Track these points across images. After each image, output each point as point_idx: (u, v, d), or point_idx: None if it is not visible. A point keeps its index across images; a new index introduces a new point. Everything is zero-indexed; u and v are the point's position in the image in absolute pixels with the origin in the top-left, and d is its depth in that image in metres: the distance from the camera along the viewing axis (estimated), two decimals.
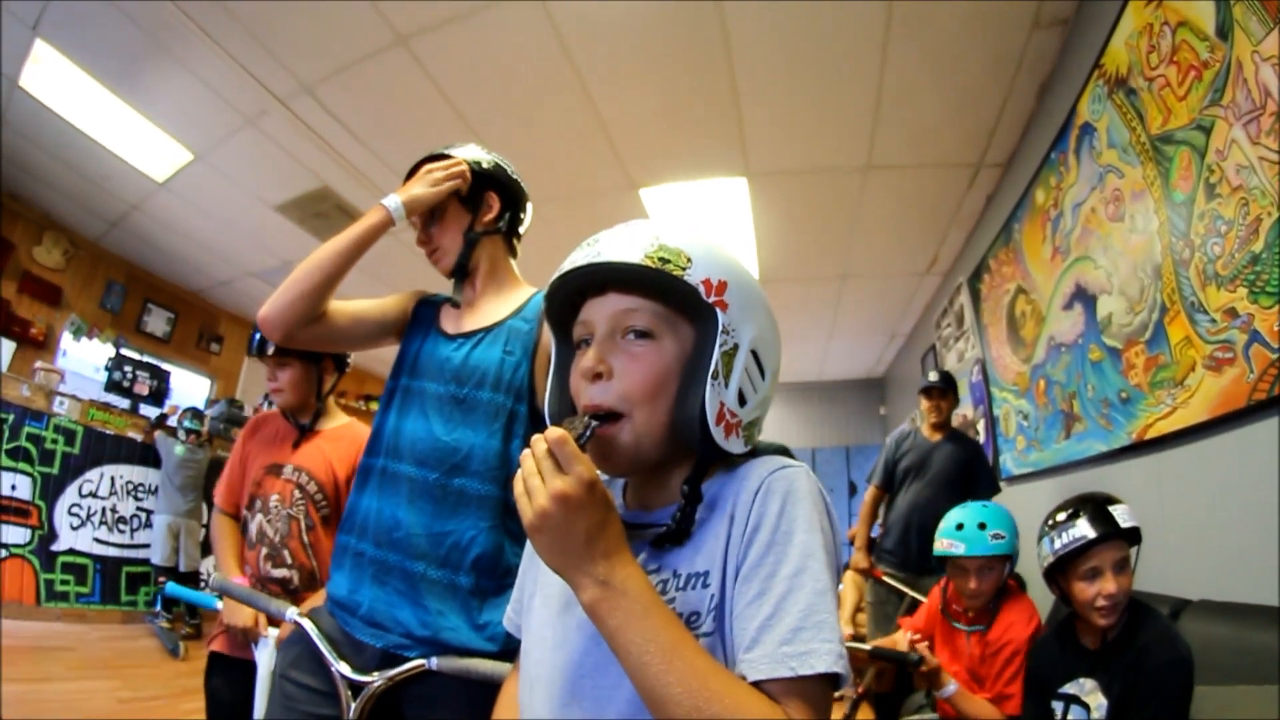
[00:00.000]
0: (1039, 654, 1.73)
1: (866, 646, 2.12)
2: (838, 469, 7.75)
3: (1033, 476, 3.36)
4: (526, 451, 0.63)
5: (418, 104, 3.58)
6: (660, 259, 0.69)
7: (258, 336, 1.96)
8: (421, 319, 1.47)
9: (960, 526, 2.11)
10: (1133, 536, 1.57)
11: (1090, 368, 2.71)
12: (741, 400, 0.71)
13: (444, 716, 1.18)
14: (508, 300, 1.42)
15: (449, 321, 1.43)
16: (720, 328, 0.69)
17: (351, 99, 3.62)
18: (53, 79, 3.75)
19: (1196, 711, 1.43)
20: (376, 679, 1.14)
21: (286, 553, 1.83)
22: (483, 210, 1.45)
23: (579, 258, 0.74)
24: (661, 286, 0.71)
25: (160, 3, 3.04)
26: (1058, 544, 1.58)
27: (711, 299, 0.69)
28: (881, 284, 5.50)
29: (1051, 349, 3.09)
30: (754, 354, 0.72)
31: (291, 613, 1.28)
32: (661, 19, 2.96)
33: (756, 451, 0.77)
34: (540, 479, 0.61)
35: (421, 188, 1.40)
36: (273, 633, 1.62)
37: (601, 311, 0.74)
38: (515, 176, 1.52)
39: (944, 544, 2.12)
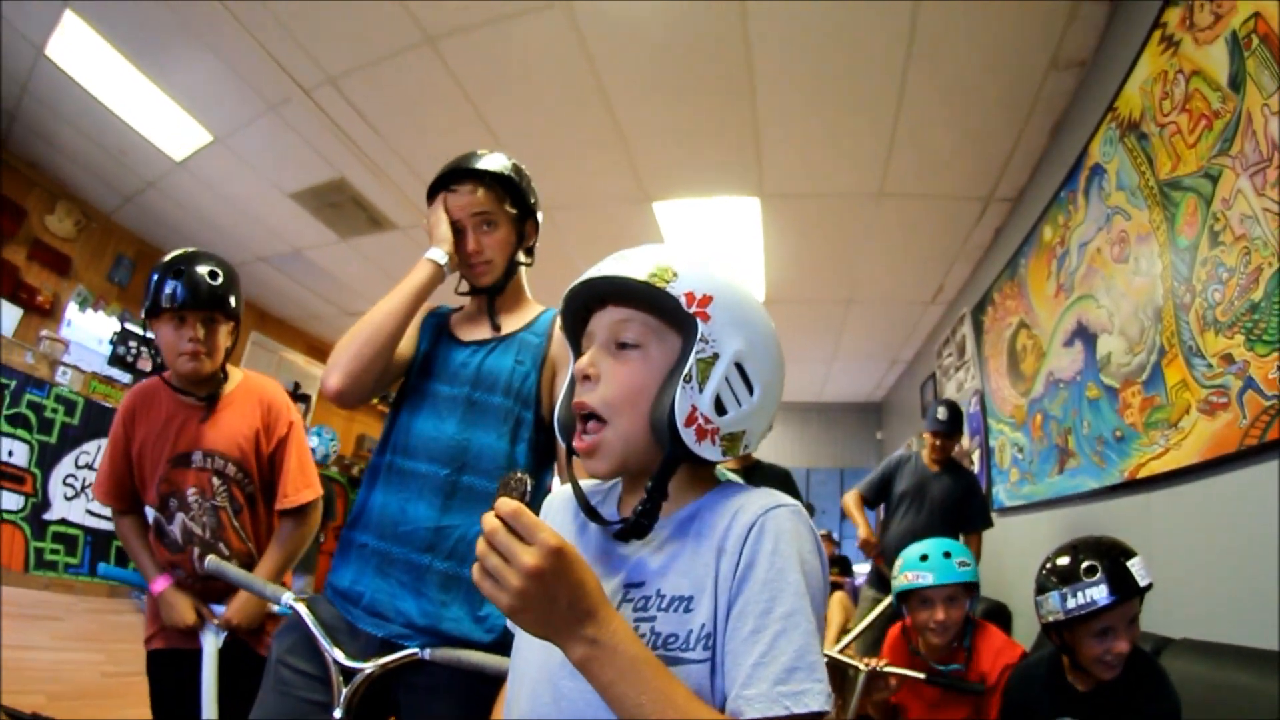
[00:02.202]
0: (1022, 688, 1.66)
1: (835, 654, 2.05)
2: (831, 491, 7.79)
3: (1025, 509, 3.39)
4: (489, 525, 0.62)
5: (440, 103, 3.62)
6: (650, 274, 0.74)
7: (169, 287, 1.66)
8: (430, 326, 1.51)
9: (925, 558, 2.04)
10: (1148, 588, 1.46)
11: (1087, 405, 2.74)
12: (721, 409, 0.74)
13: (438, 706, 1.21)
14: (520, 315, 1.48)
15: (463, 329, 1.48)
16: (699, 336, 0.73)
17: (375, 93, 3.66)
18: (79, 50, 3.77)
19: None
20: (369, 666, 1.15)
21: (222, 545, 1.74)
22: (527, 236, 1.51)
23: (586, 273, 0.79)
24: (652, 300, 0.75)
25: None
26: (1070, 604, 1.44)
27: (693, 309, 0.73)
28: (886, 310, 5.54)
29: (1050, 384, 3.13)
30: (739, 366, 0.75)
31: (287, 598, 1.28)
32: (688, 37, 3.01)
33: (759, 468, 0.79)
34: (502, 559, 0.60)
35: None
36: (215, 611, 1.66)
37: (601, 322, 0.80)
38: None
39: (909, 577, 2.03)
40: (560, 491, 0.91)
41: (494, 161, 1.44)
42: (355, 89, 3.64)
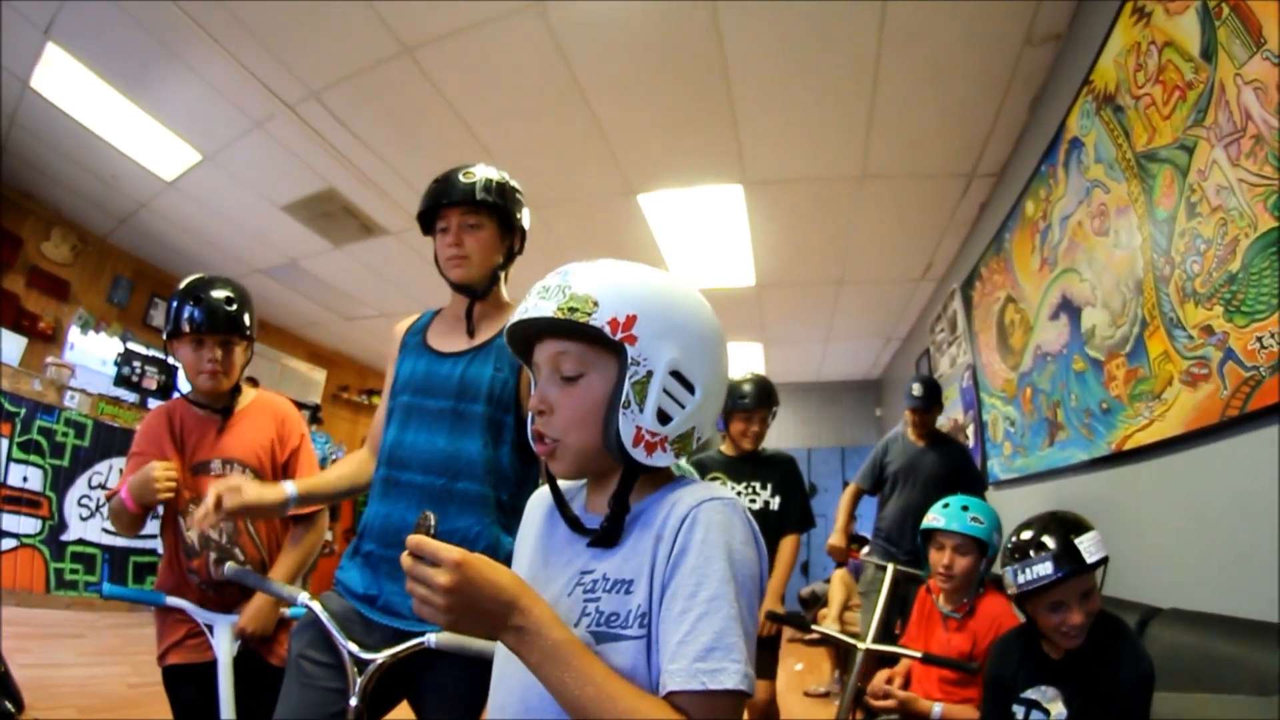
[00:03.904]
0: (1001, 656, 1.72)
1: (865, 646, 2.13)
2: (833, 469, 7.83)
3: (1018, 482, 3.43)
4: (406, 563, 0.70)
5: (423, 111, 3.65)
6: (570, 309, 0.78)
7: (188, 312, 1.79)
8: (411, 346, 1.58)
9: (946, 505, 2.24)
10: (1099, 565, 1.51)
11: (1074, 378, 2.77)
12: (664, 419, 0.79)
13: (448, 687, 1.32)
14: (498, 321, 1.53)
15: (439, 339, 1.55)
16: (630, 359, 0.78)
17: (358, 105, 3.69)
18: (64, 80, 3.81)
19: (1155, 716, 1.48)
20: (380, 656, 1.24)
21: (238, 550, 1.82)
22: (515, 247, 1.58)
23: (515, 313, 0.83)
24: (579, 332, 0.79)
25: (169, 6, 3.10)
26: (1021, 579, 1.52)
27: (619, 336, 0.77)
28: (878, 289, 5.56)
29: (1038, 358, 3.15)
30: (675, 374, 0.80)
31: (303, 598, 1.37)
32: (660, 31, 3.02)
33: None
34: (424, 584, 0.68)
35: None
36: (228, 621, 1.71)
37: (542, 355, 0.85)
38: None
39: (929, 518, 2.25)
40: (540, 491, 0.99)
41: (480, 181, 1.48)
42: (338, 102, 3.67)
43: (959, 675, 2.06)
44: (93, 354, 5.66)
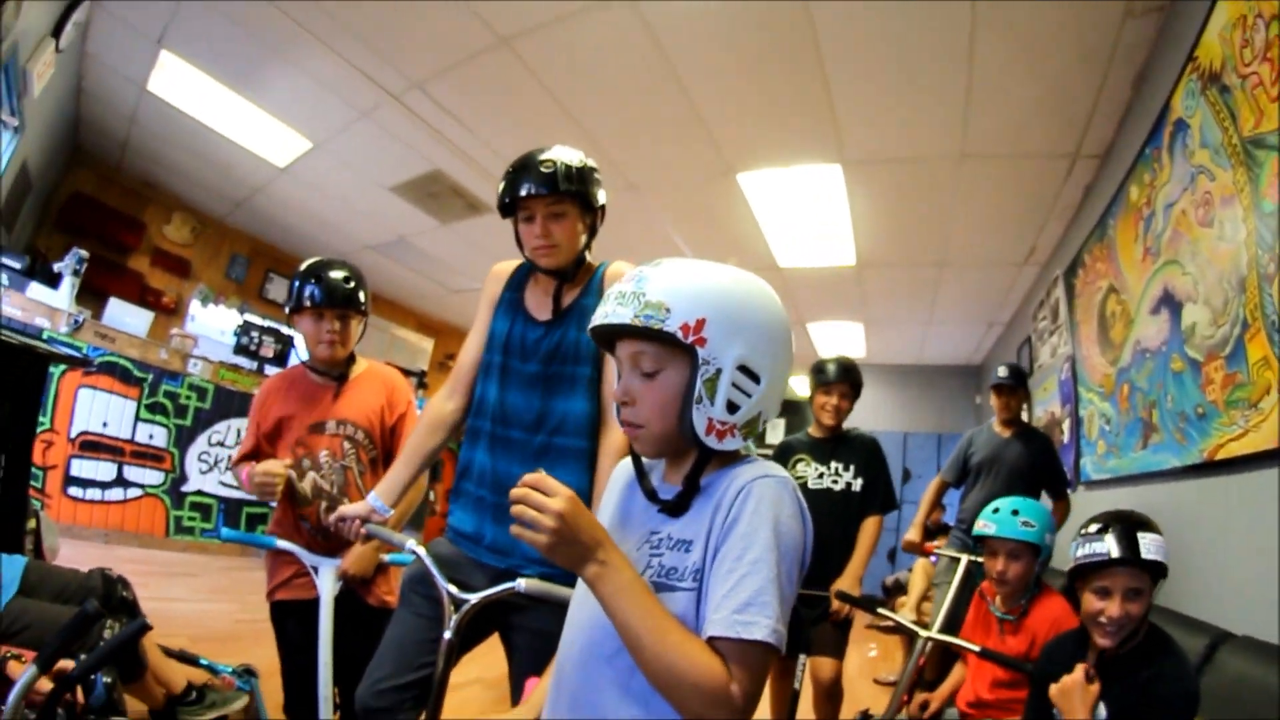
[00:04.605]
0: (1050, 655, 1.71)
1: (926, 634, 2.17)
2: (928, 455, 7.54)
3: (1109, 484, 3.22)
4: (518, 492, 0.83)
5: (523, 98, 3.75)
6: (645, 315, 0.86)
7: (309, 290, 1.96)
8: (506, 304, 1.68)
9: (996, 510, 2.19)
10: (1156, 569, 1.50)
11: (1171, 378, 2.57)
12: (733, 408, 0.88)
13: (534, 629, 1.46)
14: (580, 282, 1.63)
15: (535, 304, 1.65)
16: (701, 360, 0.86)
17: (460, 93, 3.83)
18: (178, 82, 4.15)
19: None
20: (474, 598, 1.34)
21: (346, 500, 1.93)
22: (597, 224, 1.65)
23: (598, 314, 0.92)
24: (654, 335, 0.87)
25: (271, 9, 3.32)
26: (1079, 553, 1.55)
27: (690, 339, 0.86)
28: (980, 272, 5.30)
29: (1137, 354, 2.94)
30: (743, 368, 0.88)
31: (410, 544, 1.49)
32: (750, 12, 2.98)
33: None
34: (535, 510, 0.82)
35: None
36: (332, 564, 1.88)
37: (623, 352, 0.94)
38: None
39: (980, 525, 2.20)
40: (624, 461, 1.10)
41: (561, 170, 1.52)
42: (441, 91, 3.82)
43: (1010, 677, 2.03)
44: (213, 325, 6.15)
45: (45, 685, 1.18)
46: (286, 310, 2.05)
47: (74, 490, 4.37)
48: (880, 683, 4.49)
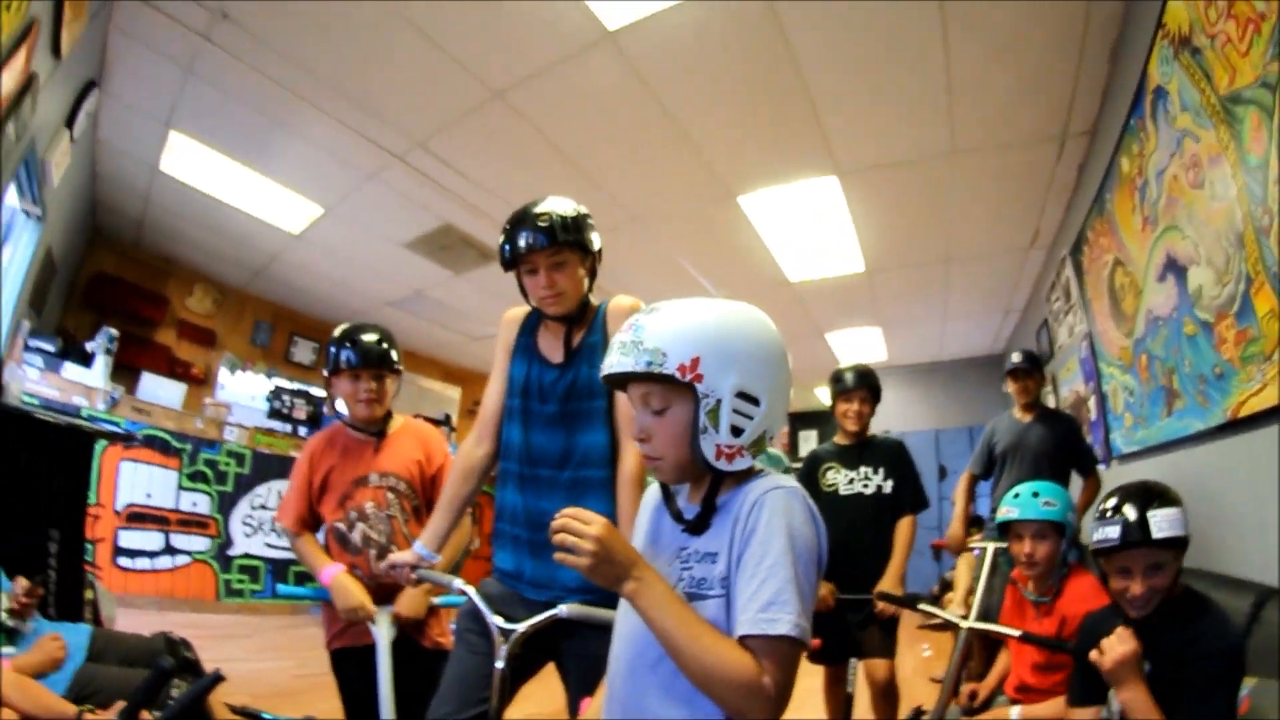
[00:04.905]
0: (1091, 629, 1.71)
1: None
2: (961, 449, 7.46)
3: (1141, 455, 3.20)
4: (558, 523, 0.94)
5: (523, 146, 3.89)
6: (645, 360, 0.97)
7: (345, 354, 2.08)
8: (521, 346, 1.78)
9: (1016, 495, 2.22)
10: (1172, 544, 1.52)
11: (1186, 342, 2.57)
12: (737, 432, 0.97)
13: (583, 653, 1.53)
14: (586, 322, 1.74)
15: (548, 347, 1.75)
16: (700, 394, 0.96)
17: (461, 148, 3.98)
18: (188, 160, 4.33)
19: (1260, 708, 1.40)
20: (520, 627, 1.43)
21: (393, 548, 2.02)
22: (596, 267, 1.74)
23: (605, 364, 1.03)
24: (656, 376, 0.98)
25: (270, 84, 3.49)
26: (1095, 537, 1.58)
27: (688, 377, 0.95)
28: (987, 263, 5.31)
29: (1150, 322, 2.94)
30: (741, 394, 0.97)
31: (458, 583, 1.60)
32: (724, 39, 3.10)
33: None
34: (575, 535, 0.92)
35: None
36: (386, 609, 1.94)
37: (633, 394, 1.05)
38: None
39: (1003, 511, 2.24)
40: (652, 488, 1.19)
41: (557, 222, 1.62)
42: (442, 147, 3.97)
43: (1050, 659, 2.05)
44: (243, 392, 6.35)
45: None
46: (324, 373, 2.17)
47: (124, 561, 4.53)
48: (935, 681, 4.44)
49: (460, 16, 3.02)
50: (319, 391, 6.61)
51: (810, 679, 3.07)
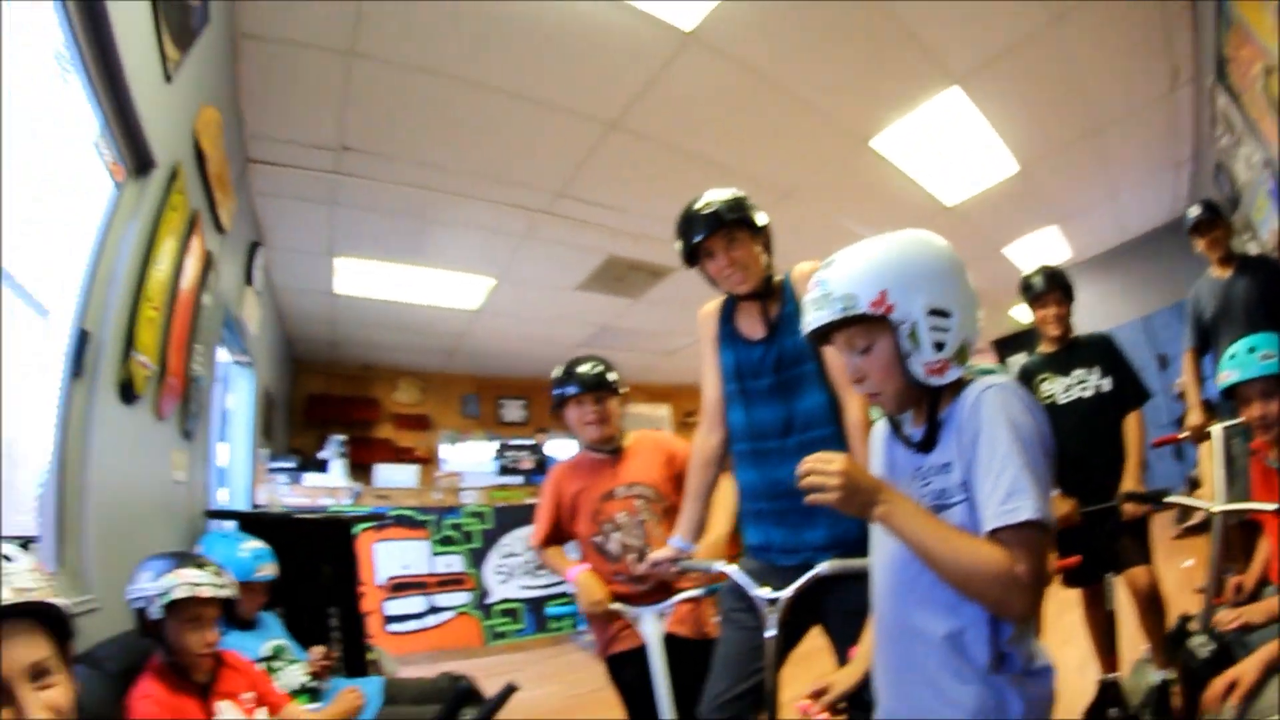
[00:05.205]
0: None
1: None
2: (1176, 333, 6.67)
3: None
4: (803, 468, 1.01)
5: (656, 163, 4.13)
6: (839, 308, 1.04)
7: (566, 385, 2.24)
8: (724, 335, 1.91)
9: (1232, 356, 2.02)
10: None
11: None
12: (939, 346, 1.03)
13: (846, 606, 1.56)
14: (777, 295, 1.84)
15: (748, 328, 1.87)
16: (895, 323, 1.03)
17: (598, 184, 4.27)
18: (357, 278, 4.96)
19: None
20: (783, 595, 1.51)
21: (649, 549, 2.11)
22: (769, 242, 1.86)
23: (804, 324, 1.12)
24: (853, 319, 1.05)
25: (406, 191, 3.99)
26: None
27: (880, 311, 1.02)
28: (1136, 120, 4.87)
29: None
30: (933, 311, 1.03)
31: (718, 566, 1.72)
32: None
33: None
34: (820, 474, 0.99)
35: None
36: (651, 609, 2.03)
37: (838, 343, 1.12)
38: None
39: (1221, 378, 2.04)
40: (878, 425, 1.25)
41: (718, 207, 1.76)
42: (581, 189, 4.30)
43: None
44: (467, 460, 7.10)
45: None
46: (553, 409, 2.34)
47: (393, 626, 5.21)
48: (1200, 591, 4.07)
49: (542, 70, 3.29)
50: (534, 441, 7.16)
51: (1069, 612, 2.93)
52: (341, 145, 3.62)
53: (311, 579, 3.01)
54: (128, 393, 2.12)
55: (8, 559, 0.87)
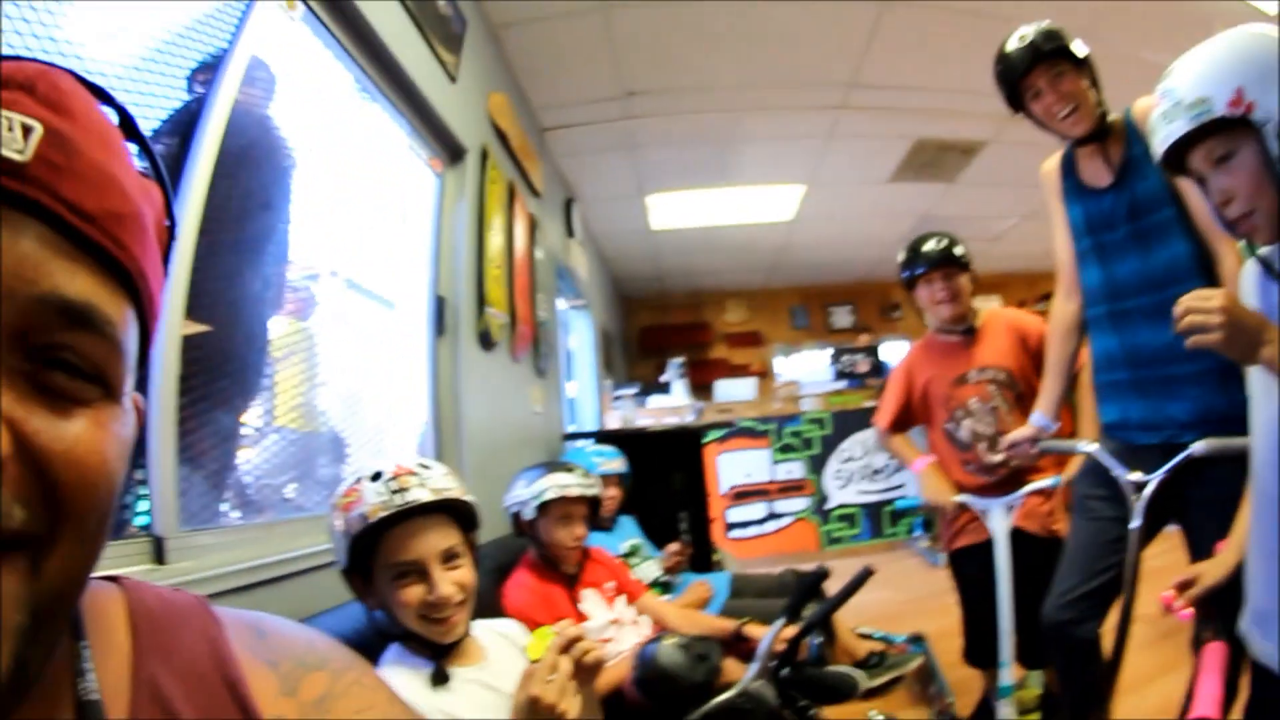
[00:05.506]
0: None
1: None
2: None
3: None
4: (1180, 308, 0.93)
5: (943, 28, 3.44)
6: (1194, 117, 0.93)
7: (912, 265, 2.17)
8: (1068, 189, 1.75)
9: None
10: None
11: None
12: None
13: (1214, 497, 1.37)
14: (1119, 135, 1.64)
15: (1093, 176, 1.69)
16: (1259, 123, 0.89)
17: (890, 64, 3.78)
18: (672, 211, 5.15)
19: None
20: (1153, 477, 1.40)
21: (1001, 437, 2.01)
22: (1095, 76, 1.64)
23: (1156, 145, 1.01)
24: (1215, 130, 0.93)
25: (693, 116, 4.01)
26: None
27: (1240, 111, 0.89)
28: None
29: None
30: None
31: (1082, 445, 1.64)
32: None
33: None
34: (1199, 313, 0.90)
35: None
36: (1000, 502, 1.96)
37: (1196, 163, 0.99)
38: None
39: None
40: (1245, 267, 1.11)
41: (1036, 40, 1.60)
42: (872, 75, 3.85)
43: None
44: (802, 370, 7.15)
45: (778, 647, 1.48)
46: (905, 288, 2.28)
47: (734, 533, 5.54)
48: None
49: None
50: (867, 344, 7.06)
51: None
52: (625, 92, 3.72)
53: (663, 486, 3.36)
54: (486, 341, 2.60)
55: (425, 467, 1.15)
